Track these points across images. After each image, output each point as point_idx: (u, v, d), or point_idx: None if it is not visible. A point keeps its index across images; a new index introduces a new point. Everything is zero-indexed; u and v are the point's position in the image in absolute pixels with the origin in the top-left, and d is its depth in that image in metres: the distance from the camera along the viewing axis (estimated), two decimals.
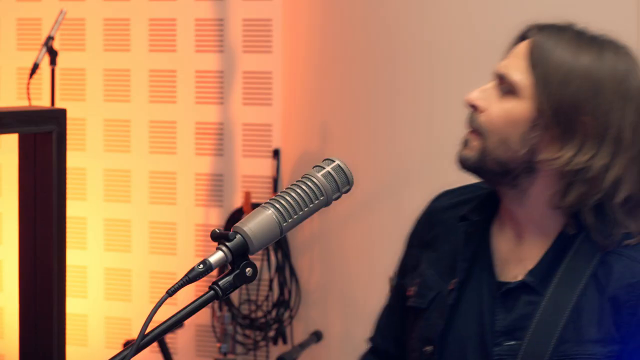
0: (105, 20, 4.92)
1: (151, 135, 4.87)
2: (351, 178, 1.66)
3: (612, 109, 1.69)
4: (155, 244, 4.88)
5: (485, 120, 1.74)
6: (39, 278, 1.98)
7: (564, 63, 1.70)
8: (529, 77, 1.71)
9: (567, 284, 1.70)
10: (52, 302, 1.97)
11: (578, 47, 1.72)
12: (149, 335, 1.43)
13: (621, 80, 1.71)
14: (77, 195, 4.89)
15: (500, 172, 1.73)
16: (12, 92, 5.06)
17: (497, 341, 1.73)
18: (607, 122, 1.69)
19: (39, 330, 1.98)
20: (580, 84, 1.68)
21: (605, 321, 1.68)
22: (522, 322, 1.71)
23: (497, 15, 3.51)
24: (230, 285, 1.51)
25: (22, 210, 2.00)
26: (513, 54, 1.78)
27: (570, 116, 1.68)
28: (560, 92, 1.68)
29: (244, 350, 4.67)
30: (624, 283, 1.69)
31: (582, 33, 1.77)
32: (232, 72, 4.75)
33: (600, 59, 1.71)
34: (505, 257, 1.79)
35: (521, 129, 1.70)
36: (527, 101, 1.70)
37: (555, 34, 1.76)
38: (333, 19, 4.19)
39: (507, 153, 1.71)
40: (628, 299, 1.68)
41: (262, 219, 1.55)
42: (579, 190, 1.69)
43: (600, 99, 1.69)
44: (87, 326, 4.98)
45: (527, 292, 1.73)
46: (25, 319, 2.01)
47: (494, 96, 1.75)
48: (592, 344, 1.68)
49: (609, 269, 1.70)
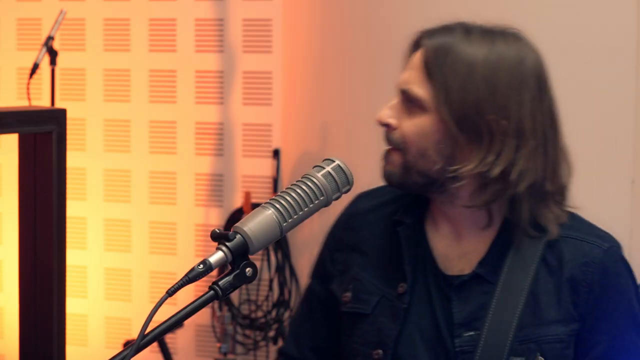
0: (105, 20, 4.92)
1: (151, 135, 4.87)
2: (351, 178, 1.66)
3: (509, 102, 1.70)
4: (155, 244, 4.88)
5: (399, 137, 1.76)
6: (39, 278, 1.98)
7: (459, 69, 1.70)
8: (429, 90, 1.72)
9: (518, 271, 1.73)
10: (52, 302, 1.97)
11: (469, 46, 1.72)
12: (149, 335, 1.43)
13: (514, 70, 1.72)
14: (77, 195, 4.89)
15: (426, 183, 1.75)
16: (12, 92, 5.06)
17: (456, 333, 1.75)
18: (508, 117, 1.70)
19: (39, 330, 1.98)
20: (477, 86, 1.69)
21: (564, 301, 1.72)
22: (479, 312, 1.74)
23: (497, 16, 3.51)
24: (230, 285, 1.51)
25: (22, 210, 2.00)
26: (409, 66, 1.78)
27: (474, 120, 1.70)
28: (460, 99, 1.69)
29: (244, 350, 4.67)
30: (578, 263, 1.73)
31: (471, 29, 1.78)
32: (232, 72, 4.75)
33: (492, 53, 1.72)
34: (445, 254, 1.81)
35: (434, 141, 1.72)
36: (433, 114, 1.72)
37: (445, 38, 1.75)
38: (333, 19, 4.19)
39: (427, 165, 1.73)
40: (584, 277, 1.73)
41: (262, 219, 1.55)
42: (493, 188, 1.71)
43: (497, 95, 1.70)
44: (87, 326, 4.98)
45: (479, 282, 1.75)
46: (25, 319, 2.00)
47: (402, 112, 1.76)
48: (554, 324, 1.72)
49: (559, 252, 1.75)
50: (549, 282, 1.74)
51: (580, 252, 1.75)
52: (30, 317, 1.99)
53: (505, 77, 1.70)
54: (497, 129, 1.69)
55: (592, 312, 1.73)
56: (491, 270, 1.75)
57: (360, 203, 1.96)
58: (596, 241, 1.77)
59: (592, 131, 3.42)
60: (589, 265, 1.74)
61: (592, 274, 1.73)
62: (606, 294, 1.73)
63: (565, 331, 1.72)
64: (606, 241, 1.78)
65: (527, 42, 1.78)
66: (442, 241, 1.82)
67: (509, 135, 1.70)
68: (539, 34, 3.46)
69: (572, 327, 1.73)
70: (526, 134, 1.72)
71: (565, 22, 3.43)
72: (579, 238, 1.77)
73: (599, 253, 1.75)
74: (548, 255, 1.75)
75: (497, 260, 1.75)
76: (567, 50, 3.42)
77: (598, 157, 3.42)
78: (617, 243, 1.79)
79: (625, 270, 1.78)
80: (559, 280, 1.73)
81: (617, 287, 1.75)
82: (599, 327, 1.73)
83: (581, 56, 3.41)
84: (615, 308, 1.74)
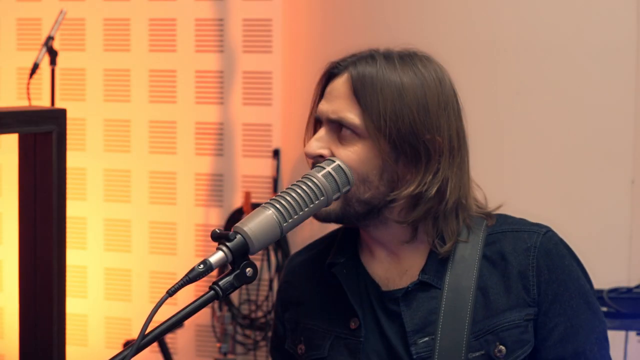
0: (105, 20, 4.92)
1: (151, 135, 4.87)
2: (351, 178, 1.66)
3: (440, 121, 1.73)
4: (155, 244, 4.88)
5: None
6: (39, 278, 1.98)
7: (390, 94, 1.71)
8: (361, 117, 1.71)
9: (461, 271, 1.76)
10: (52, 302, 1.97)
11: (394, 72, 1.73)
12: (149, 335, 1.43)
13: (438, 91, 1.75)
14: (77, 195, 4.89)
15: (365, 212, 1.74)
16: (12, 92, 5.06)
17: (411, 341, 1.75)
18: (442, 135, 1.73)
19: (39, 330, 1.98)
20: (410, 109, 1.71)
21: (515, 289, 1.75)
22: (431, 317, 1.75)
23: (497, 16, 3.51)
24: (231, 286, 1.51)
25: (22, 210, 2.00)
26: (334, 95, 1.76)
27: (411, 142, 1.71)
28: (395, 123, 1.70)
29: (244, 350, 4.67)
30: (520, 251, 1.76)
31: (389, 56, 1.77)
32: (232, 72, 4.75)
33: (417, 77, 1.74)
34: (386, 277, 1.81)
35: (374, 166, 1.72)
36: (368, 140, 1.71)
37: (368, 66, 1.74)
38: (333, 19, 4.19)
39: (369, 191, 1.72)
40: (529, 262, 1.76)
41: (263, 219, 1.55)
42: (426, 206, 1.74)
43: (430, 115, 1.72)
44: (87, 326, 4.98)
45: (424, 289, 1.77)
46: (25, 319, 2.00)
47: (332, 142, 1.74)
48: (507, 311, 1.74)
49: (499, 246, 1.78)
50: (494, 275, 1.76)
51: (519, 241, 1.78)
52: (30, 317, 1.99)
53: (433, 97, 1.73)
54: (433, 148, 1.72)
55: (545, 296, 1.75)
56: (434, 275, 1.77)
57: (293, 261, 1.97)
58: (532, 228, 1.80)
59: (592, 131, 3.42)
60: (530, 251, 1.76)
61: (536, 258, 1.76)
62: (554, 276, 1.76)
63: (520, 316, 1.74)
64: (542, 227, 1.81)
65: (437, 63, 1.80)
66: (380, 266, 1.82)
67: (443, 153, 1.74)
68: (540, 34, 3.47)
69: (527, 312, 1.74)
70: (454, 150, 1.76)
71: (565, 22, 3.43)
72: (515, 229, 1.80)
73: (537, 238, 1.78)
74: (488, 251, 1.78)
75: (438, 266, 1.77)
76: (567, 51, 3.42)
77: (598, 157, 3.42)
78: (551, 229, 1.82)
79: (567, 252, 1.80)
80: (504, 271, 1.76)
81: (562, 268, 1.77)
82: (553, 309, 1.75)
83: (581, 56, 3.41)
84: (565, 289, 1.76)
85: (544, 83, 3.45)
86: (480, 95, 3.43)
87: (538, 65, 3.45)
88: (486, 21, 3.51)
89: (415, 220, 1.75)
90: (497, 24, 3.49)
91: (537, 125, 3.48)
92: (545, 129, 3.45)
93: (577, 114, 3.43)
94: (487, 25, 3.53)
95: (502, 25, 3.50)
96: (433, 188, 1.73)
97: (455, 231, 1.79)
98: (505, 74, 3.51)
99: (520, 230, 1.80)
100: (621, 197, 3.40)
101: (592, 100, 3.41)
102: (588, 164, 3.43)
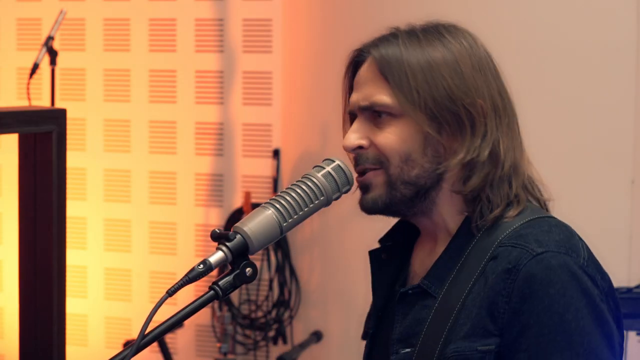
0: (105, 20, 4.92)
1: (151, 135, 4.87)
2: (351, 178, 1.66)
3: (478, 83, 1.65)
4: (155, 244, 4.88)
5: (376, 153, 1.66)
6: (39, 278, 1.98)
7: (419, 66, 1.64)
8: (395, 96, 1.64)
9: (459, 284, 1.62)
10: (52, 302, 1.97)
11: (419, 45, 1.66)
12: (149, 335, 1.43)
13: (471, 55, 1.67)
14: (77, 195, 4.89)
15: (413, 194, 1.66)
16: (12, 92, 5.06)
17: (393, 350, 1.66)
18: (482, 96, 1.65)
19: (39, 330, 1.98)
20: (444, 76, 1.64)
21: (482, 315, 1.57)
22: (416, 327, 1.64)
23: (497, 16, 3.51)
24: (230, 285, 1.50)
25: (22, 210, 2.00)
26: (361, 83, 1.69)
27: (451, 109, 1.63)
28: (431, 93, 1.63)
29: (244, 350, 4.67)
30: (500, 270, 1.57)
31: (412, 31, 1.70)
32: (232, 72, 4.75)
33: (445, 45, 1.67)
34: (417, 271, 1.73)
35: (417, 143, 1.65)
36: (406, 118, 1.64)
37: (391, 44, 1.68)
38: (333, 19, 4.19)
39: (413, 170, 1.65)
40: (504, 286, 1.56)
41: (262, 219, 1.55)
42: (482, 172, 1.64)
43: (465, 79, 1.65)
44: (87, 326, 4.98)
45: (423, 297, 1.65)
46: (25, 319, 2.00)
47: (369, 130, 1.67)
48: (461, 340, 1.57)
49: (496, 262, 1.59)
50: (479, 295, 1.58)
51: (507, 258, 1.57)
52: (30, 317, 1.99)
53: (465, 61, 1.66)
54: (476, 111, 1.64)
55: (510, 326, 1.54)
56: (438, 283, 1.64)
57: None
58: (529, 246, 1.58)
59: (593, 131, 3.42)
60: (510, 273, 1.56)
61: (512, 281, 1.55)
62: (526, 305, 1.53)
63: (473, 347, 1.56)
64: (543, 245, 1.57)
65: (465, 29, 1.72)
66: (419, 259, 1.74)
67: (487, 114, 1.65)
68: (540, 34, 3.47)
69: (486, 343, 1.55)
70: (500, 110, 1.67)
71: (565, 22, 3.43)
72: (516, 244, 1.59)
73: (525, 258, 1.55)
74: (488, 265, 1.60)
75: (445, 272, 1.65)
76: (567, 51, 3.42)
77: (598, 157, 3.42)
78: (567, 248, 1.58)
79: (567, 279, 1.54)
80: (482, 291, 1.58)
81: (543, 298, 1.53)
82: (518, 343, 1.54)
83: (581, 56, 3.41)
84: (537, 321, 1.53)
85: (544, 83, 3.45)
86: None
87: (538, 65, 3.45)
88: (486, 21, 3.51)
89: (474, 189, 1.63)
90: (497, 24, 3.49)
91: (536, 125, 3.48)
92: (545, 129, 3.44)
93: (577, 114, 3.43)
94: (487, 25, 3.52)
95: (502, 25, 3.50)
96: (485, 151, 1.63)
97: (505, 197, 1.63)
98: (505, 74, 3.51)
99: (517, 245, 1.59)
100: (621, 197, 3.40)
101: (592, 100, 3.41)
102: (588, 164, 3.43)
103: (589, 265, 1.59)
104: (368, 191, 1.68)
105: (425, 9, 3.76)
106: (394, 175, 1.65)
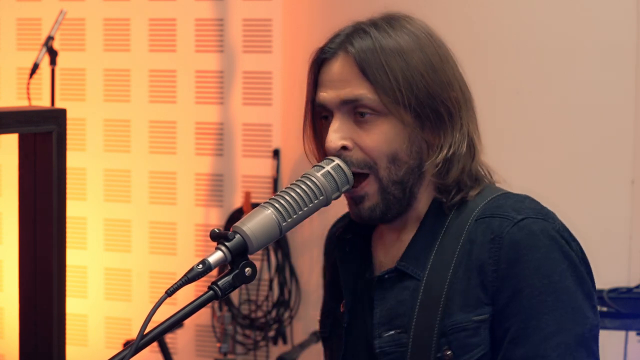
0: (105, 20, 4.92)
1: (151, 135, 4.87)
2: (351, 178, 1.65)
3: (447, 76, 1.66)
4: (155, 244, 4.88)
5: (362, 155, 1.65)
6: (39, 278, 1.98)
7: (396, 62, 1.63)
8: (377, 94, 1.62)
9: (442, 263, 1.62)
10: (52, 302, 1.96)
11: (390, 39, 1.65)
12: (149, 335, 1.43)
13: (434, 46, 1.67)
14: (77, 195, 4.89)
15: (401, 194, 1.65)
16: (12, 92, 5.06)
17: (375, 334, 1.66)
18: (453, 89, 1.66)
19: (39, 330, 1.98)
20: (419, 72, 1.63)
21: (472, 286, 1.59)
22: (399, 309, 1.64)
23: (497, 16, 3.51)
24: (230, 285, 1.50)
25: (22, 210, 2.00)
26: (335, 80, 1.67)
27: (430, 104, 1.63)
28: (411, 90, 1.62)
29: (244, 350, 4.67)
30: (486, 241, 1.60)
31: (378, 25, 1.69)
32: (232, 72, 4.75)
33: (410, 37, 1.66)
34: (383, 261, 1.72)
35: (402, 142, 1.64)
36: (390, 116, 1.63)
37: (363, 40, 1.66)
38: (333, 19, 4.18)
39: (401, 170, 1.64)
40: (490, 255, 1.59)
41: (262, 218, 1.55)
42: (460, 164, 1.65)
43: (439, 75, 1.65)
44: (87, 326, 4.98)
45: (400, 279, 1.65)
46: (25, 319, 2.00)
47: (353, 131, 1.65)
48: (456, 312, 1.59)
49: (475, 235, 1.62)
50: (467, 268, 1.60)
51: (489, 229, 1.60)
52: (30, 317, 1.99)
53: (433, 54, 1.66)
54: (452, 105, 1.64)
55: (501, 292, 1.57)
56: (414, 263, 1.64)
57: (332, 229, 1.89)
58: (509, 214, 1.61)
59: (592, 131, 3.42)
60: (494, 242, 1.59)
61: (498, 250, 1.58)
62: (515, 270, 1.57)
63: (468, 317, 1.58)
64: (522, 213, 1.61)
65: (418, 19, 1.71)
66: (383, 249, 1.74)
67: (461, 106, 1.66)
68: (539, 34, 3.47)
69: (479, 312, 1.58)
70: (468, 101, 1.68)
71: (565, 22, 3.43)
72: (494, 214, 1.62)
73: (507, 226, 1.59)
74: (466, 240, 1.62)
75: (422, 254, 1.65)
76: (567, 51, 3.42)
77: (598, 157, 3.42)
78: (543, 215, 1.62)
79: (549, 243, 1.58)
80: (468, 264, 1.60)
81: (530, 262, 1.56)
82: (510, 308, 1.57)
83: (581, 56, 3.41)
84: (527, 285, 1.56)
85: (544, 83, 3.45)
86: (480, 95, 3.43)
87: (538, 65, 3.45)
88: (486, 21, 3.52)
89: (455, 180, 1.64)
90: (497, 24, 3.49)
91: (536, 125, 3.48)
92: (545, 129, 3.45)
93: (577, 114, 3.43)
94: (487, 25, 3.53)
95: (502, 25, 3.50)
96: (463, 144, 1.64)
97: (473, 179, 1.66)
98: (505, 74, 3.51)
99: (494, 215, 1.62)
100: (621, 197, 3.40)
101: (592, 101, 3.41)
102: (588, 164, 3.44)
103: (565, 231, 1.63)
104: (363, 201, 1.67)
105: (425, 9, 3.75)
106: (384, 177, 1.65)
